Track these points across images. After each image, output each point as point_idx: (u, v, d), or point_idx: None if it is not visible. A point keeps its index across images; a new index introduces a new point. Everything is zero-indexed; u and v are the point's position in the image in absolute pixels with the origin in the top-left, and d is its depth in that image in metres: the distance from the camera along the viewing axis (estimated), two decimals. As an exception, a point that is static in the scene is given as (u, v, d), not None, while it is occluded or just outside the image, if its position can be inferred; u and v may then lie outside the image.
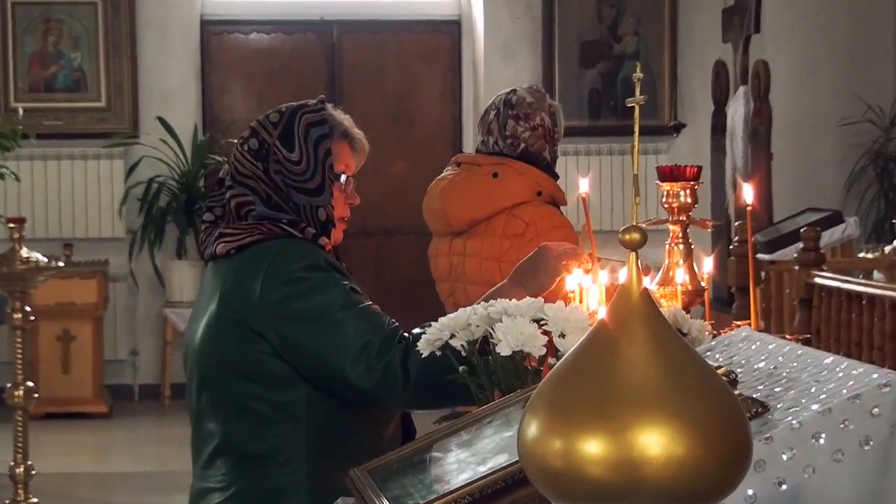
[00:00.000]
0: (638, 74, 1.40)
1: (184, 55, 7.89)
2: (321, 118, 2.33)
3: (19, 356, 4.78)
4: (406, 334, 2.20)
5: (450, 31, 8.29)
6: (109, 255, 7.68)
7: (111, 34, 7.68)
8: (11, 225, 4.72)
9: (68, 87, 7.71)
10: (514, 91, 3.25)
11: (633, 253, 1.28)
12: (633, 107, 1.38)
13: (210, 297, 2.26)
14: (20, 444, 4.72)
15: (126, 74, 7.72)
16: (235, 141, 2.42)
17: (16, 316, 4.73)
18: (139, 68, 7.76)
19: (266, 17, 8.17)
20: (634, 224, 1.28)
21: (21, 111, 6.64)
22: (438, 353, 2.05)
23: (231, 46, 8.13)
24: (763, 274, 5.91)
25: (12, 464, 4.71)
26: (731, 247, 5.86)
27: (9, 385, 4.76)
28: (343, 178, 2.35)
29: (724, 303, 6.20)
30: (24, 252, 4.66)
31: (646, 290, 1.28)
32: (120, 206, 7.71)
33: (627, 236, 1.28)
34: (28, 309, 4.74)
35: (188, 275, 7.54)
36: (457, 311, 3.21)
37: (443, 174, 3.32)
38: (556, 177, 3.24)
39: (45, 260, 4.68)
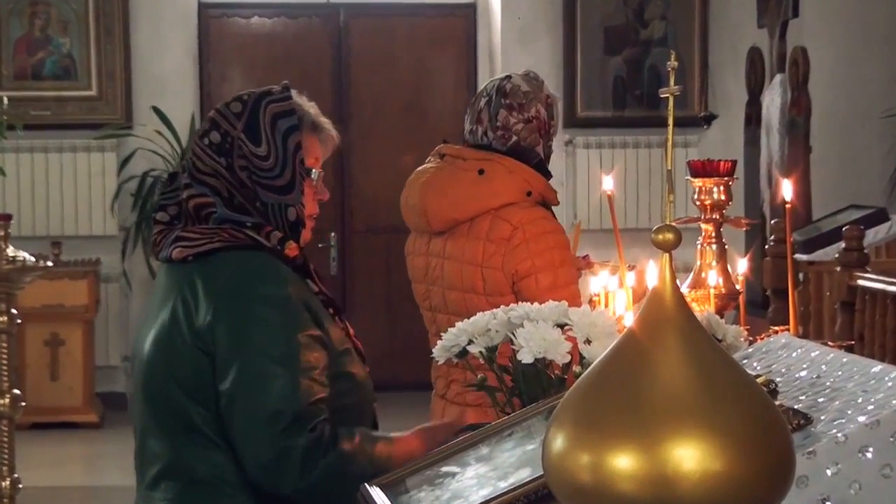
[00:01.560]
0: (672, 63, 1.40)
1: (180, 41, 7.91)
2: (288, 108, 2.28)
3: (5, 362, 4.80)
4: (324, 425, 2.13)
5: (464, 15, 8.29)
6: (101, 254, 7.70)
7: (103, 18, 7.69)
8: (-3, 222, 4.74)
9: (57, 75, 7.72)
10: (508, 77, 3.16)
11: (667, 254, 1.28)
12: (665, 97, 1.38)
13: (162, 304, 2.23)
14: (6, 456, 4.74)
15: (118, 61, 7.73)
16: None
17: (1, 319, 4.75)
18: (132, 55, 7.77)
19: (268, 0, 8.19)
20: (668, 223, 1.28)
21: (6, 101, 6.65)
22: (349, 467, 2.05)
23: (231, 31, 8.14)
24: (801, 275, 5.89)
25: (-3, 477, 4.73)
26: (766, 246, 5.85)
27: (-6, 393, 4.77)
28: (314, 173, 2.30)
29: (759, 306, 6.18)
30: (10, 251, 4.67)
31: (679, 293, 1.28)
32: (112, 202, 7.72)
33: (661, 236, 1.27)
34: (14, 311, 4.75)
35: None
36: (433, 315, 3.23)
37: (424, 165, 3.23)
38: (549, 175, 3.15)
39: (33, 259, 4.69)
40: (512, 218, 3.05)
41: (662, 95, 1.38)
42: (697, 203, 2.81)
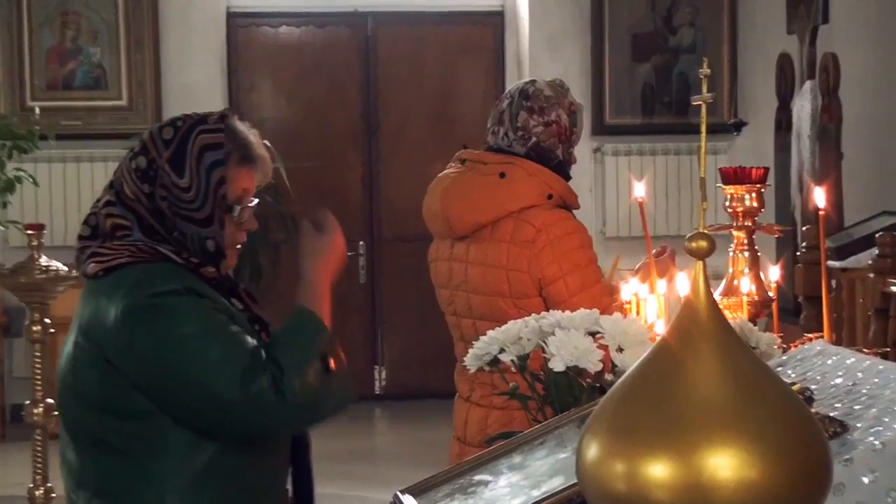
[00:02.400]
0: (705, 70, 1.40)
1: (209, 50, 7.94)
2: (217, 141, 2.24)
3: (38, 371, 4.83)
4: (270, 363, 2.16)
5: (492, 23, 8.30)
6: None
7: (132, 28, 7.74)
8: (29, 232, 4.77)
9: (87, 85, 7.77)
10: (533, 82, 3.20)
11: (701, 262, 1.27)
12: (695, 104, 1.38)
13: (76, 318, 2.25)
14: (39, 465, 4.77)
15: (148, 71, 7.78)
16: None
17: (34, 328, 4.78)
18: (162, 64, 7.81)
19: (296, 9, 8.22)
20: (701, 230, 1.28)
21: (38, 111, 6.70)
22: (303, 369, 2.12)
23: (259, 40, 8.17)
24: (834, 282, 5.86)
25: (31, 485, 4.76)
26: (797, 253, 5.82)
27: (27, 402, 4.80)
28: (237, 210, 2.26)
29: (790, 313, 6.15)
30: (43, 260, 4.71)
31: (713, 301, 1.28)
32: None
33: (694, 244, 1.27)
34: (47, 321, 4.78)
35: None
36: (457, 320, 3.24)
37: (445, 171, 3.25)
38: (568, 177, 3.17)
39: (66, 269, 4.72)
40: (535, 220, 3.06)
41: (695, 103, 1.37)
42: (729, 210, 2.80)
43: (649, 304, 2.33)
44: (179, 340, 2.11)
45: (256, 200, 2.30)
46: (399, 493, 1.84)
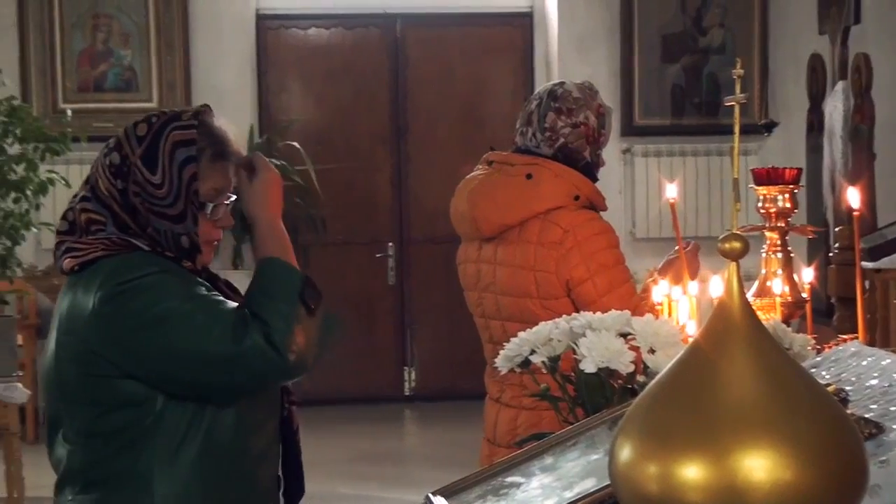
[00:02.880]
0: (738, 71, 1.39)
1: (239, 52, 7.98)
2: (189, 137, 2.23)
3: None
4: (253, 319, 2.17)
5: (521, 24, 8.29)
6: (161, 264, 7.76)
7: (163, 30, 7.78)
8: (61, 233, 4.79)
9: (119, 87, 7.82)
10: (561, 83, 3.20)
11: (734, 263, 1.27)
12: (725, 105, 1.37)
13: (55, 313, 2.26)
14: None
15: (179, 73, 7.82)
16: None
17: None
18: (192, 66, 7.85)
19: (325, 11, 8.24)
20: (734, 231, 1.27)
21: (70, 113, 6.74)
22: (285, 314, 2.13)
23: (288, 42, 8.20)
24: (867, 283, 5.82)
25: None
26: (829, 254, 5.78)
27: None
28: (209, 207, 2.25)
29: (823, 314, 6.12)
30: (74, 262, 4.73)
31: (747, 302, 1.27)
32: (172, 213, 7.77)
33: (727, 245, 1.27)
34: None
35: (244, 285, 7.57)
36: (486, 322, 3.24)
37: (472, 173, 3.26)
38: (595, 179, 3.17)
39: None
40: (561, 221, 3.06)
41: (728, 104, 1.37)
42: (762, 211, 2.78)
43: (681, 305, 2.32)
44: (161, 316, 2.11)
45: (234, 197, 2.29)
46: (431, 495, 1.84)
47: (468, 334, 3.35)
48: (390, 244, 8.24)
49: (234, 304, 2.17)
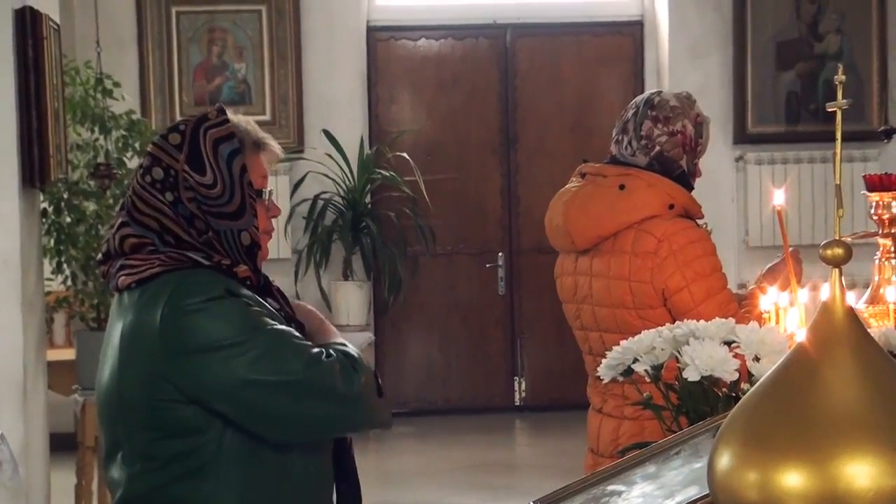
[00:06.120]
0: (840, 77, 1.38)
1: (350, 64, 8.06)
2: (227, 132, 2.23)
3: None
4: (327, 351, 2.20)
5: (631, 33, 8.25)
6: (275, 276, 7.72)
7: (276, 43, 7.91)
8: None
9: (233, 100, 7.95)
10: (659, 92, 3.21)
11: (836, 269, 1.26)
12: (828, 111, 1.36)
13: (112, 333, 2.21)
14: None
15: (291, 85, 7.93)
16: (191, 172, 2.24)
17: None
18: (304, 78, 7.96)
19: (435, 22, 8.29)
20: (837, 238, 1.27)
21: (186, 126, 6.89)
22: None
23: (398, 54, 8.28)
24: None
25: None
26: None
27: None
28: (265, 193, 2.28)
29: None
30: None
31: (850, 308, 1.26)
32: (285, 225, 7.89)
33: (829, 251, 1.26)
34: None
35: (355, 297, 7.68)
36: (585, 334, 3.23)
37: (566, 186, 3.27)
38: (691, 188, 3.14)
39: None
40: (655, 230, 3.05)
41: (829, 110, 1.36)
42: (875, 218, 2.74)
43: (790, 313, 2.29)
44: (231, 344, 2.09)
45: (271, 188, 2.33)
46: (535, 502, 1.84)
47: (577, 344, 3.35)
48: (500, 254, 8.26)
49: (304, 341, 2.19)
